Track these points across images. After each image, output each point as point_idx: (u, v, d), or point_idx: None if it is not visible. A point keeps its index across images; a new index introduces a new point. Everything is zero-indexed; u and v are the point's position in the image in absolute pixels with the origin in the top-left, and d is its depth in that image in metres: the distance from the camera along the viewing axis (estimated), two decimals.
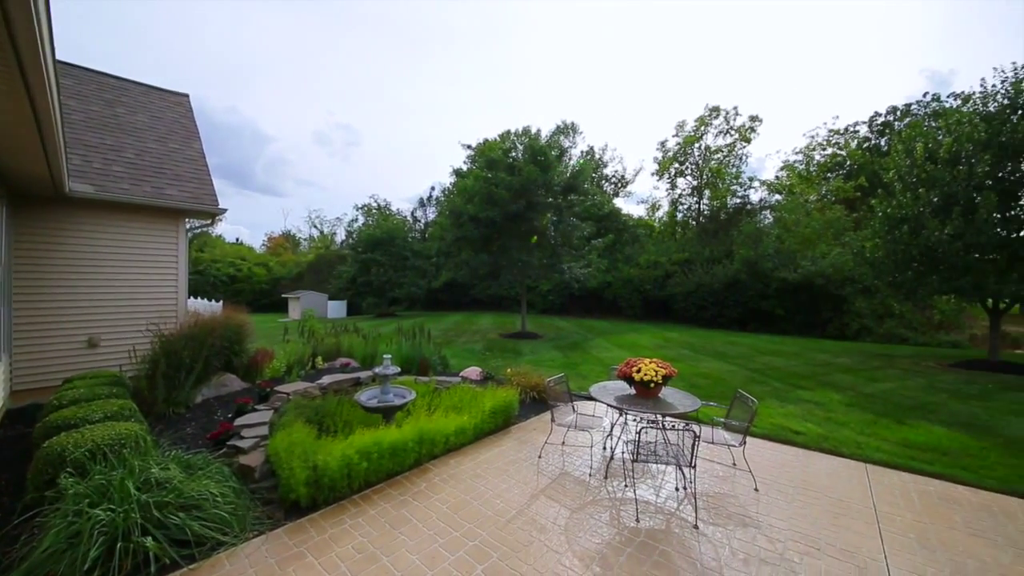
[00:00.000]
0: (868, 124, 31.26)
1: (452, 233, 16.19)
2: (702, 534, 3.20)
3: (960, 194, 9.56)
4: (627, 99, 64.91)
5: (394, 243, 27.18)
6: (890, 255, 10.84)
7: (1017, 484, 4.15)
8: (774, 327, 19.38)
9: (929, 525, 3.44)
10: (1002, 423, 6.08)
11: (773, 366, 10.17)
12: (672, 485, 3.99)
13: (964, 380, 8.79)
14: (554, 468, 4.28)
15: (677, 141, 34.52)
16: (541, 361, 10.33)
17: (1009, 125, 9.31)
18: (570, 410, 4.85)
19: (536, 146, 14.96)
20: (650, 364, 4.10)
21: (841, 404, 6.89)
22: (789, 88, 55.74)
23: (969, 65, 51.49)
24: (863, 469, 4.46)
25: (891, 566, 2.91)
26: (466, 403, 5.29)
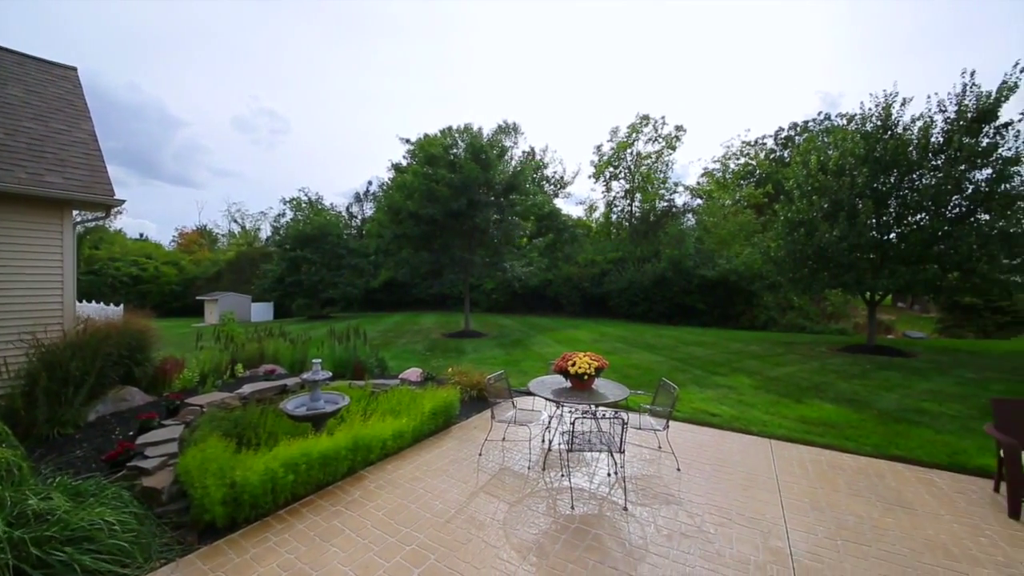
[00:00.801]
0: (774, 137, 35.14)
1: (391, 230, 15.66)
2: (631, 515, 3.41)
3: (845, 201, 11.06)
4: (567, 103, 66.94)
5: (327, 240, 25.66)
6: (790, 254, 12.27)
7: (887, 449, 4.91)
8: (696, 320, 21.10)
9: (819, 490, 3.95)
10: (876, 398, 7.15)
11: (695, 355, 11.08)
12: (605, 471, 4.21)
13: (849, 362, 10.21)
14: (494, 464, 4.32)
15: (611, 146, 36.21)
16: (484, 359, 10.35)
17: (881, 143, 10.93)
18: (510, 406, 4.93)
19: (478, 144, 14.92)
20: (584, 358, 4.28)
21: (751, 387, 7.70)
22: (709, 102, 60.92)
23: (855, 88, 60.32)
24: (768, 444, 5.02)
25: (789, 528, 3.31)
26: (405, 406, 5.16)
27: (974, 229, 9.89)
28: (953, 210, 10.28)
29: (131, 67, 74.18)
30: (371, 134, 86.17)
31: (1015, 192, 9.66)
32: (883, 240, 11.15)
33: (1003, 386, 7.91)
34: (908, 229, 10.85)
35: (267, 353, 7.79)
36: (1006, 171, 9.74)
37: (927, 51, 55.71)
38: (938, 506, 3.68)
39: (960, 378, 8.49)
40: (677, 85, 60.45)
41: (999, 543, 3.16)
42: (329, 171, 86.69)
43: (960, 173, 9.97)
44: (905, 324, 23.07)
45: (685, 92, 60.20)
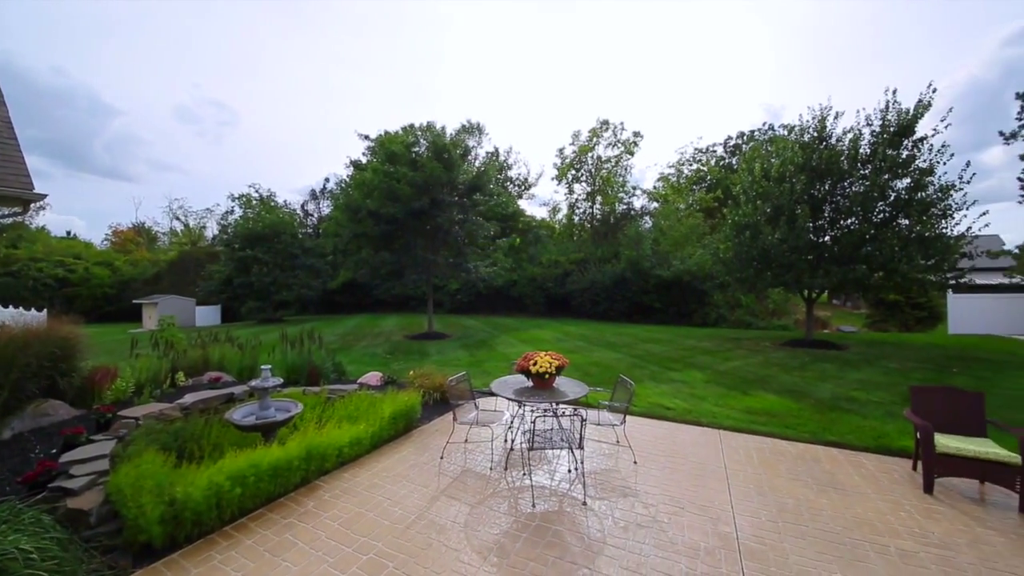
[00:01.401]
0: (723, 145, 37.19)
1: (349, 229, 15.16)
2: (590, 509, 3.50)
3: (785, 206, 11.87)
4: (531, 106, 67.46)
5: (280, 239, 24.45)
6: (737, 256, 13.02)
7: (822, 435, 5.31)
8: (653, 318, 21.94)
9: (763, 476, 4.22)
10: (813, 388, 7.73)
11: (651, 352, 11.51)
12: (566, 467, 4.28)
13: (789, 356, 10.97)
14: (456, 467, 4.29)
15: (573, 149, 36.92)
16: (448, 361, 10.25)
17: (817, 153, 11.83)
18: (472, 407, 4.91)
19: (440, 143, 14.74)
20: (545, 357, 4.34)
21: (702, 381, 8.11)
22: (665, 110, 63.60)
23: (795, 102, 65.11)
24: (718, 435, 5.30)
25: (736, 513, 3.51)
26: (363, 411, 5.02)
27: (895, 233, 10.93)
28: (878, 215, 11.29)
29: (55, 48, 66.95)
30: (328, 129, 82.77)
31: (929, 200, 10.76)
32: (819, 242, 12.07)
33: (921, 375, 8.78)
34: (840, 232, 11.81)
35: (212, 360, 7.31)
36: (922, 181, 10.83)
37: (859, 69, 61.03)
38: (865, 486, 4.04)
39: (885, 368, 9.35)
40: (636, 93, 62.66)
41: (915, 516, 3.51)
42: (282, 167, 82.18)
43: (884, 182, 10.98)
44: (839, 319, 25.10)
45: (643, 100, 62.54)
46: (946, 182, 10.76)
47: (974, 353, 11.11)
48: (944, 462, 3.86)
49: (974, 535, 3.25)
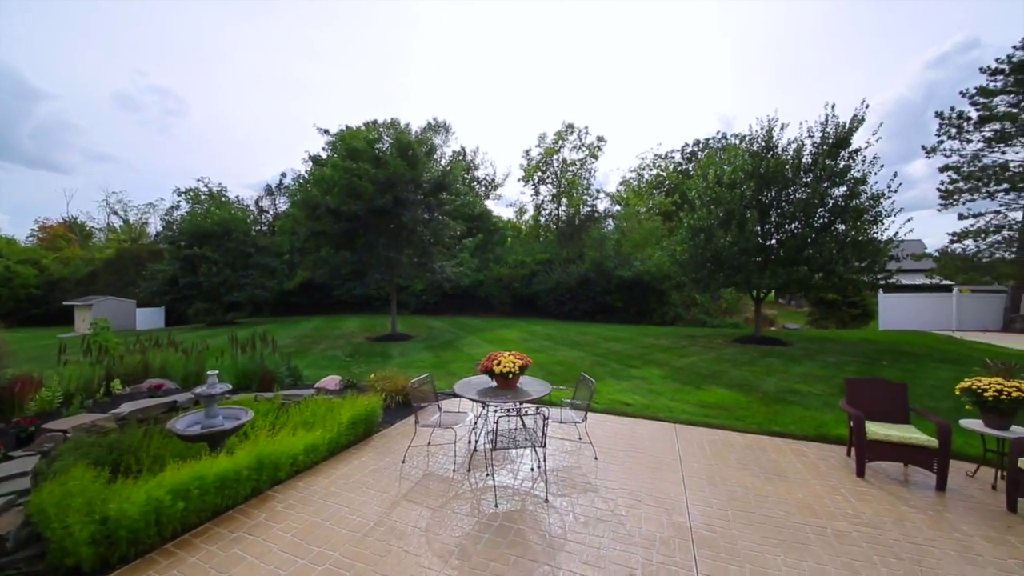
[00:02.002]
0: (681, 152, 38.83)
1: (307, 227, 14.54)
2: (551, 506, 3.54)
3: (736, 211, 12.55)
4: (499, 107, 67.37)
5: (232, 236, 23.08)
6: (692, 257, 13.63)
7: (768, 426, 5.65)
8: (615, 317, 22.56)
9: (715, 466, 4.44)
10: (760, 382, 8.21)
11: (613, 350, 11.83)
12: (529, 466, 4.32)
13: (740, 352, 11.61)
14: (418, 471, 4.22)
15: (540, 151, 37.30)
16: (411, 363, 10.06)
17: (765, 161, 12.59)
18: (435, 410, 4.85)
19: (405, 140, 14.45)
20: (509, 357, 4.36)
21: (660, 377, 8.42)
22: (628, 116, 65.59)
23: (746, 112, 69.12)
24: (673, 429, 5.53)
25: (689, 504, 3.67)
26: (320, 417, 4.84)
27: (833, 237, 11.81)
28: (818, 220, 12.16)
29: None
30: (285, 123, 78.70)
31: (862, 207, 11.72)
32: (766, 245, 12.85)
33: (855, 368, 9.54)
34: (785, 236, 12.62)
35: (153, 366, 6.81)
36: (856, 189, 11.77)
37: (804, 83, 65.58)
38: (806, 472, 4.34)
39: (824, 362, 10.08)
40: (600, 99, 64.17)
41: (849, 498, 3.81)
42: (235, 160, 77.39)
43: (823, 189, 11.84)
44: (784, 317, 26.85)
45: (607, 106, 64.15)
46: (877, 191, 11.75)
47: (901, 347, 12.19)
48: (874, 448, 4.21)
49: (899, 513, 3.57)
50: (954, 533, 3.28)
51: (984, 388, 4.08)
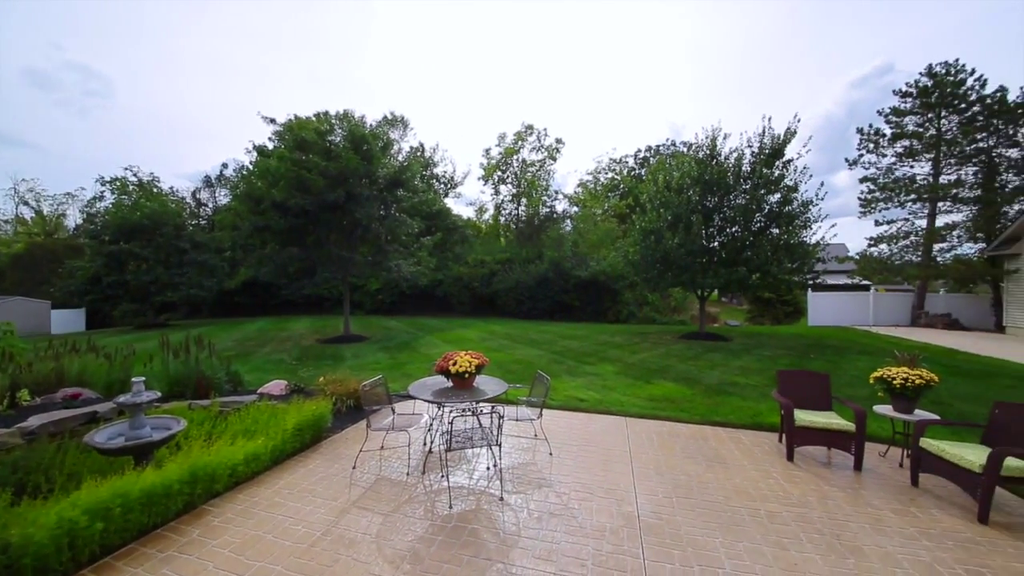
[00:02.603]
0: (634, 157, 40.37)
1: (250, 221, 13.65)
2: (506, 504, 3.57)
3: (683, 215, 13.24)
4: (459, 104, 66.36)
5: (163, 231, 21.20)
6: (643, 258, 14.24)
7: (710, 416, 6.01)
8: (572, 316, 23.08)
9: (662, 456, 4.66)
10: (704, 375, 8.72)
11: (570, 348, 12.10)
12: (485, 465, 4.32)
13: (686, 347, 12.26)
14: (370, 476, 4.09)
15: (500, 151, 37.38)
16: (365, 365, 9.74)
17: (709, 168, 13.37)
18: (389, 412, 4.72)
19: (359, 132, 13.93)
20: (465, 356, 4.33)
21: (613, 373, 8.72)
22: (585, 120, 67.21)
23: (693, 121, 73.05)
24: (624, 422, 5.74)
25: (638, 493, 3.82)
26: (263, 424, 4.57)
27: (769, 240, 12.77)
28: (755, 225, 13.09)
29: None
30: (227, 109, 73.02)
31: (794, 213, 12.75)
32: (710, 247, 13.66)
33: (787, 360, 10.36)
34: (726, 239, 13.48)
35: (69, 373, 6.12)
36: (789, 196, 12.79)
37: (746, 95, 70.31)
38: (743, 458, 4.65)
39: (760, 356, 10.86)
40: (559, 102, 65.21)
41: (780, 481, 4.13)
42: (169, 148, 70.56)
43: (760, 196, 12.76)
44: (727, 314, 28.65)
45: (565, 109, 65.30)
46: (806, 198, 12.83)
47: (826, 341, 13.38)
48: (801, 434, 4.60)
49: (822, 493, 3.92)
50: (868, 508, 3.65)
51: (893, 377, 4.57)
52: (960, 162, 19.86)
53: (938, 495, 3.88)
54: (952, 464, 3.73)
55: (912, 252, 20.36)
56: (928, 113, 20.25)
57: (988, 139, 19.27)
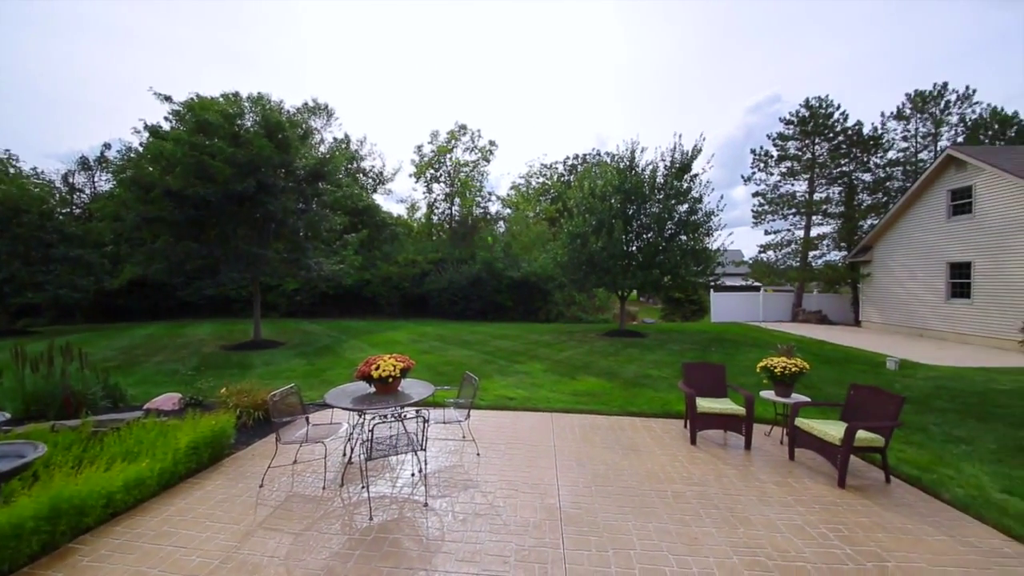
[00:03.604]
0: (563, 163, 42.01)
1: (137, 211, 11.85)
2: (431, 509, 3.51)
3: (606, 221, 14.06)
4: (390, 98, 63.82)
5: (23, 219, 17.62)
6: (571, 260, 14.90)
7: (627, 407, 6.43)
8: (505, 316, 23.38)
9: (583, 448, 4.89)
10: (622, 369, 9.33)
11: (501, 348, 12.24)
12: (410, 472, 4.20)
13: (608, 344, 13.02)
14: (280, 494, 3.77)
15: (432, 148, 36.65)
16: (278, 372, 8.97)
17: (628, 178, 14.34)
18: (303, 423, 4.39)
19: (275, 118, 12.76)
20: (389, 360, 4.17)
21: (541, 371, 8.99)
22: (518, 124, 68.49)
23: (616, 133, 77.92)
24: (550, 418, 5.94)
25: (560, 486, 3.98)
26: (149, 444, 4.01)
27: (678, 246, 14.03)
28: (667, 232, 14.31)
29: None
30: (113, 80, 62.47)
31: (699, 222, 14.15)
32: (629, 251, 14.67)
33: (693, 354, 11.46)
34: (643, 244, 14.57)
35: None
36: (695, 207, 14.17)
37: (663, 112, 76.59)
38: (654, 445, 5.05)
39: (671, 350, 11.90)
40: (493, 105, 65.69)
41: (684, 464, 4.54)
42: (33, 121, 58.83)
43: (672, 206, 13.98)
44: (644, 313, 30.94)
45: (499, 112, 66.06)
46: (709, 209, 14.30)
47: (725, 336, 15.04)
48: (702, 419, 5.11)
49: (719, 471, 4.38)
50: (755, 482, 4.17)
51: (774, 366, 5.27)
52: (829, 182, 23.59)
53: (810, 466, 4.54)
54: (819, 439, 4.39)
55: (793, 258, 23.73)
56: (806, 139, 23.77)
57: (849, 164, 23.15)
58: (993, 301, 12.99)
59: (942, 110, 24.00)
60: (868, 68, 64.09)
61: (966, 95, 23.80)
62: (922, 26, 59.66)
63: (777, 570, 2.83)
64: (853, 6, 59.09)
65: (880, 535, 3.26)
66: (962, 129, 23.96)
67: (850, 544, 3.13)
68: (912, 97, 24.43)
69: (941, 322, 14.76)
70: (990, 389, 7.65)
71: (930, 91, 24.12)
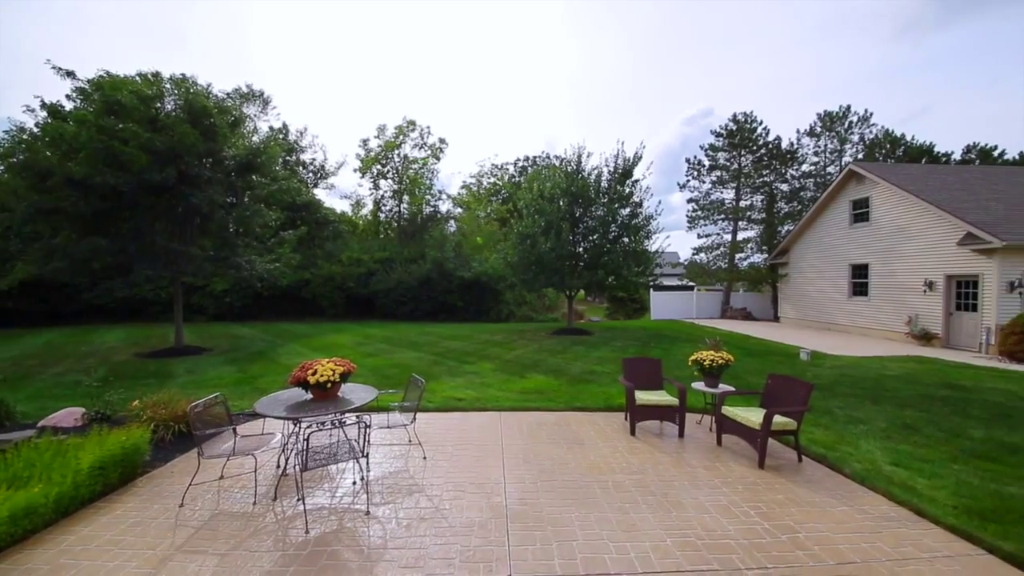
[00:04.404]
0: (514, 165, 42.36)
1: (30, 202, 10.34)
2: (373, 517, 3.39)
3: (554, 222, 14.39)
4: (335, 89, 60.68)
5: None
6: (521, 260, 15.09)
7: (573, 403, 6.61)
8: (456, 316, 23.15)
9: (530, 445, 4.97)
10: (569, 366, 9.59)
11: (451, 348, 12.11)
12: (351, 480, 4.04)
13: (556, 342, 13.34)
14: (203, 512, 3.47)
15: (379, 143, 35.38)
16: (203, 381, 8.24)
17: (575, 182, 14.76)
18: (230, 435, 4.07)
19: (200, 103, 11.64)
20: (327, 364, 3.97)
21: (491, 370, 9.01)
22: (470, 123, 68.09)
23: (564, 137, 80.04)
24: (499, 417, 5.97)
25: (507, 483, 4.01)
26: (43, 466, 3.52)
27: (621, 248, 14.68)
28: (611, 234, 14.92)
29: None
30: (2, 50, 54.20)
31: (639, 225, 14.89)
32: (576, 252, 15.13)
33: (634, 349, 12.04)
34: (589, 245, 15.08)
35: None
36: (636, 211, 14.90)
37: (608, 119, 79.63)
38: (598, 438, 5.25)
39: (615, 347, 12.42)
40: (444, 103, 64.87)
41: (624, 454, 4.76)
42: None
43: (615, 209, 14.59)
44: (591, 312, 32.07)
45: (450, 111, 65.25)
46: (649, 213, 15.09)
47: (664, 332, 15.96)
48: (640, 411, 5.39)
49: (655, 459, 4.64)
50: (687, 467, 4.46)
51: (704, 359, 5.67)
52: (753, 191, 25.86)
53: (735, 450, 4.94)
54: (742, 425, 4.79)
55: (722, 260, 25.75)
56: (733, 151, 25.90)
57: (769, 175, 25.52)
58: (885, 298, 14.91)
59: (846, 129, 27.17)
60: (787, 88, 71.17)
61: (865, 117, 27.13)
62: (832, 53, 67.31)
63: (705, 548, 3.05)
64: (775, 30, 65.27)
65: (793, 509, 3.62)
66: (862, 147, 27.30)
67: (768, 520, 3.45)
68: (822, 117, 27.43)
69: (845, 317, 16.67)
70: (882, 375, 8.77)
71: (836, 112, 27.23)
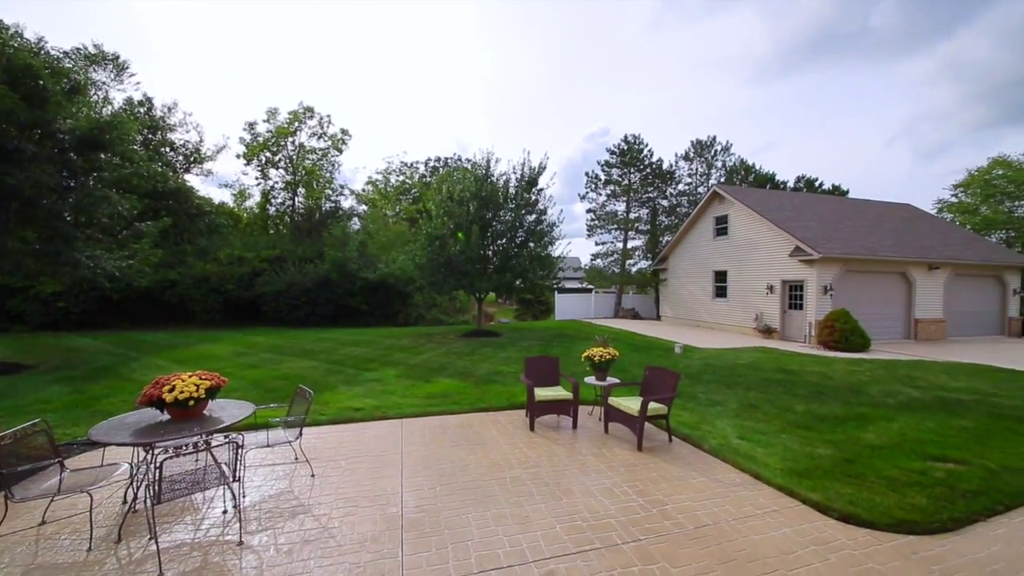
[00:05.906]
0: (425, 164, 41.40)
1: None
2: (247, 547, 3.05)
3: (464, 225, 14.41)
4: (214, 63, 52.85)
5: None
6: (430, 262, 14.81)
7: (477, 404, 6.68)
8: (359, 320, 21.79)
9: (432, 450, 4.91)
10: (476, 368, 9.68)
11: (351, 355, 11.38)
12: (221, 509, 3.57)
13: (465, 345, 13.35)
14: (14, 569, 2.78)
15: (269, 128, 31.80)
16: (21, 407, 6.58)
17: (485, 186, 14.97)
18: (56, 471, 3.32)
19: (22, 60, 9.28)
20: (189, 379, 3.47)
21: (395, 377, 8.69)
22: (377, 117, 64.81)
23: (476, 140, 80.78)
24: (400, 424, 5.79)
25: (404, 491, 3.91)
26: None
27: (528, 252, 15.27)
28: (519, 239, 15.44)
29: None
30: None
31: (544, 231, 15.64)
32: (485, 255, 15.34)
33: (539, 349, 12.60)
34: (498, 249, 15.41)
35: None
36: (541, 218, 15.63)
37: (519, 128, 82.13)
38: (499, 436, 5.38)
39: (521, 347, 12.84)
40: (347, 92, 60.73)
41: (524, 449, 4.96)
42: None
43: (522, 215, 15.13)
44: (501, 313, 32.78)
45: (354, 101, 61.42)
46: (552, 221, 15.94)
47: (566, 331, 16.96)
48: (539, 407, 5.67)
49: (551, 452, 4.91)
50: (578, 457, 4.80)
51: (594, 355, 6.18)
52: (640, 205, 29.00)
53: (619, 437, 5.45)
54: (624, 413, 5.31)
55: (616, 265, 28.36)
56: (624, 168, 28.75)
57: (653, 191, 28.82)
58: (739, 299, 17.77)
59: (713, 156, 31.83)
60: (670, 116, 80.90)
61: (727, 147, 32.07)
62: (705, 89, 78.30)
63: (590, 529, 3.33)
64: (664, 63, 73.96)
65: (664, 485, 4.12)
66: (724, 172, 32.17)
67: (643, 496, 3.88)
68: (695, 144, 31.78)
69: (711, 316, 19.48)
70: (735, 364, 10.42)
71: (706, 141, 31.75)
